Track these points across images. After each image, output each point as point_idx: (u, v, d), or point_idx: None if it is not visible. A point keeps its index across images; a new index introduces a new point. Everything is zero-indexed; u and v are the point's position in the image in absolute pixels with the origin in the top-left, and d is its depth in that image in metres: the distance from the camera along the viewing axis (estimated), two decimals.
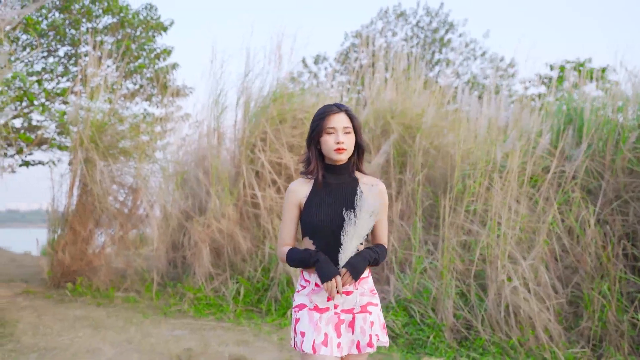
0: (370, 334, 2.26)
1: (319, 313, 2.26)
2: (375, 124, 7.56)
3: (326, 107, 2.31)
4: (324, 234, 2.25)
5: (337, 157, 2.26)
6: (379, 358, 4.69)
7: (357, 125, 2.31)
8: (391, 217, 6.62)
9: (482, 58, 19.42)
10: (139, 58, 12.35)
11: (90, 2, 11.41)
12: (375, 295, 2.34)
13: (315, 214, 2.28)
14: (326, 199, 2.29)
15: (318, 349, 2.20)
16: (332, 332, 2.24)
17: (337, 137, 2.24)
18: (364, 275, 2.30)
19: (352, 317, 2.27)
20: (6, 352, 4.35)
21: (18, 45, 11.27)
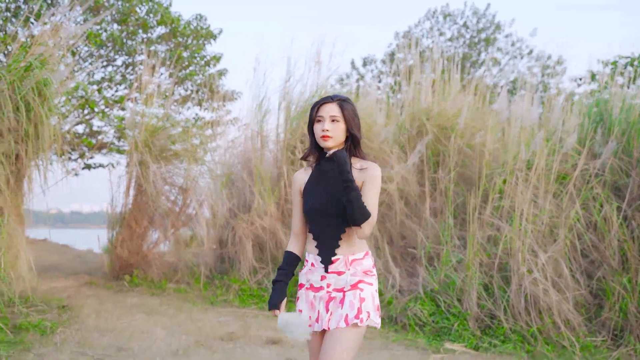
0: (360, 307, 2.32)
1: (313, 292, 2.41)
2: (411, 125, 7.89)
3: (321, 99, 2.44)
4: (316, 219, 2.41)
5: (323, 143, 2.37)
6: (404, 344, 5.06)
7: (348, 115, 2.37)
8: (423, 213, 6.96)
9: (528, 56, 19.35)
10: (191, 65, 13.02)
11: (145, 14, 12.13)
12: (370, 276, 2.41)
13: (307, 200, 2.45)
14: (318, 185, 2.43)
15: (312, 325, 2.39)
16: (323, 310, 2.38)
17: (323, 124, 2.35)
18: (359, 258, 2.40)
19: (343, 294, 2.37)
20: (73, 331, 4.95)
21: (80, 57, 12.11)
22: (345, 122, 2.38)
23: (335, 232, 2.38)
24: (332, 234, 2.38)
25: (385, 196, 7.27)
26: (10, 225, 5.46)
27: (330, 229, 2.38)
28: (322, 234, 2.40)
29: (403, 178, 7.25)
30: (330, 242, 2.38)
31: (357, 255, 2.40)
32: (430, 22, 19.49)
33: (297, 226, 2.55)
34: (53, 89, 5.89)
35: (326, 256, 2.39)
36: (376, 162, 2.47)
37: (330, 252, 2.38)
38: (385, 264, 6.68)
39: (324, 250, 2.39)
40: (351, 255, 2.39)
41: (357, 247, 2.41)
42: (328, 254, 2.39)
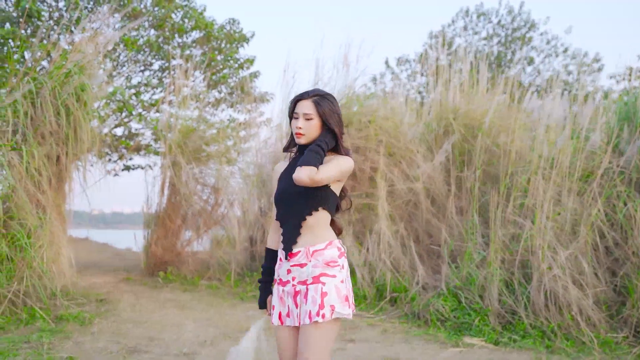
0: (321, 303, 2.26)
1: (282, 286, 2.39)
2: (438, 124, 7.99)
3: (299, 94, 2.45)
4: (280, 205, 2.43)
5: (297, 140, 2.39)
6: (425, 338, 5.20)
7: (322, 112, 2.37)
8: (449, 210, 7.06)
9: (564, 54, 19.12)
10: (225, 68, 13.34)
11: (180, 19, 12.50)
12: (333, 267, 2.35)
13: (276, 186, 2.50)
14: (286, 172, 2.46)
15: (284, 320, 2.37)
16: (292, 304, 2.35)
17: (297, 122, 2.38)
18: (320, 248, 2.35)
19: (306, 288, 2.33)
20: (110, 322, 5.25)
21: (118, 62, 12.55)
22: (321, 118, 2.37)
23: (297, 218, 2.35)
24: (294, 221, 2.36)
25: (412, 195, 7.40)
26: (52, 224, 5.79)
27: (293, 215, 2.37)
28: (286, 221, 2.39)
29: (429, 177, 7.35)
30: (293, 230, 2.36)
31: (319, 246, 2.35)
32: (464, 21, 19.44)
33: (273, 218, 2.55)
34: (91, 94, 6.20)
35: (288, 244, 2.38)
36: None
37: (292, 240, 2.36)
38: (411, 262, 6.82)
39: (286, 238, 2.38)
40: (312, 247, 2.35)
41: (320, 237, 2.36)
42: (290, 242, 2.37)
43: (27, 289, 5.21)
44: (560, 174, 6.37)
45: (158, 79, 13.27)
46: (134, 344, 4.50)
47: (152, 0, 11.82)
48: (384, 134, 7.69)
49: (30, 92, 5.85)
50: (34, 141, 5.82)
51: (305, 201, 2.34)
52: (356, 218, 7.31)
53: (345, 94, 8.19)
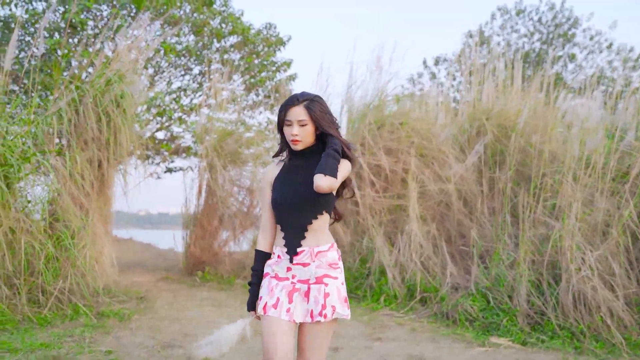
0: (324, 304, 2.35)
1: (277, 281, 2.42)
2: (471, 125, 8.02)
3: (287, 100, 2.44)
4: (284, 210, 2.43)
5: (294, 147, 2.43)
6: (452, 337, 5.27)
7: (315, 116, 2.38)
8: (480, 211, 7.09)
9: (608, 50, 18.70)
10: (262, 71, 13.59)
11: (218, 24, 12.80)
12: (336, 269, 2.44)
13: (276, 192, 2.47)
14: (287, 179, 2.47)
15: (268, 310, 2.37)
16: (284, 298, 2.38)
17: (292, 129, 2.39)
18: (324, 250, 2.42)
19: (307, 287, 2.40)
20: (147, 318, 5.51)
21: (159, 68, 12.94)
22: (314, 123, 2.40)
23: (302, 223, 2.40)
24: (298, 225, 2.40)
25: (444, 196, 7.45)
26: (95, 225, 6.09)
27: (297, 220, 2.41)
28: (289, 226, 2.42)
29: (461, 178, 7.39)
30: (297, 233, 2.40)
31: (322, 247, 2.42)
32: (503, 19, 19.23)
33: (266, 221, 2.55)
34: (129, 100, 6.48)
35: (292, 247, 2.41)
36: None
37: (296, 243, 2.41)
38: (442, 262, 6.87)
39: (290, 241, 2.42)
40: (316, 247, 2.41)
41: (323, 239, 2.44)
42: (294, 245, 2.41)
43: (71, 287, 5.50)
44: (594, 174, 6.34)
45: (198, 84, 13.64)
46: (169, 340, 4.73)
47: (191, 7, 12.15)
48: (416, 135, 7.76)
49: (74, 100, 6.16)
50: (77, 147, 6.13)
51: (311, 206, 2.39)
52: (387, 219, 7.41)
53: (378, 96, 8.29)
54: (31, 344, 4.34)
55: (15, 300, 5.10)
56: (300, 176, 2.44)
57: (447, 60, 19.29)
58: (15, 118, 5.90)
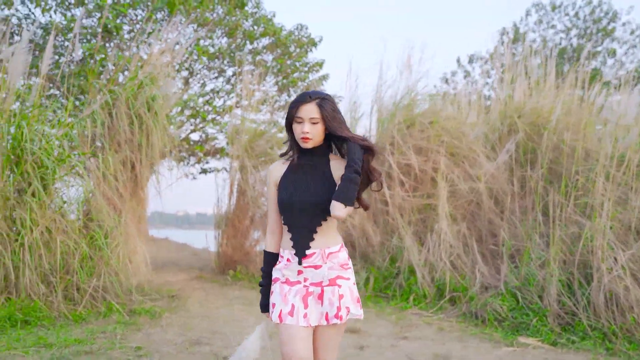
0: (339, 306, 2.32)
1: (289, 286, 2.36)
2: (502, 123, 7.93)
3: (299, 96, 2.38)
4: (291, 211, 2.36)
5: (303, 145, 2.36)
6: (480, 337, 5.23)
7: (326, 116, 2.33)
8: (511, 210, 7.01)
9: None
10: (295, 72, 13.69)
11: (250, 26, 12.93)
12: (347, 270, 2.40)
13: (283, 192, 2.40)
14: (294, 177, 2.41)
15: (284, 318, 2.31)
16: (299, 303, 2.33)
17: (303, 127, 2.33)
18: (335, 250, 2.37)
19: (321, 290, 2.35)
20: (178, 316, 5.63)
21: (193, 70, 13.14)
22: (324, 122, 2.34)
23: (311, 224, 2.35)
24: (307, 226, 2.35)
25: (474, 195, 7.39)
26: (128, 225, 6.24)
27: (306, 221, 2.35)
28: (297, 226, 2.36)
29: (492, 176, 7.32)
30: (305, 234, 2.35)
31: (333, 248, 2.37)
32: (539, 15, 18.91)
33: (273, 222, 2.50)
34: (161, 103, 6.63)
35: (300, 248, 2.36)
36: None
37: (305, 245, 2.35)
38: (473, 261, 6.82)
39: (298, 243, 2.36)
40: (327, 249, 2.36)
41: (333, 239, 2.39)
42: (302, 247, 2.35)
43: (105, 285, 5.66)
44: (628, 172, 6.21)
45: (231, 85, 13.82)
46: (198, 337, 4.82)
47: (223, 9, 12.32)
48: (446, 134, 7.72)
49: (107, 103, 6.34)
50: (111, 149, 6.30)
51: (320, 208, 2.33)
52: (416, 218, 7.39)
53: (408, 95, 8.27)
54: (65, 339, 4.49)
55: (51, 297, 5.27)
56: (308, 176, 2.39)
57: (481, 58, 19.08)
58: (51, 121, 6.09)
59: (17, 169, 5.43)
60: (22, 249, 5.18)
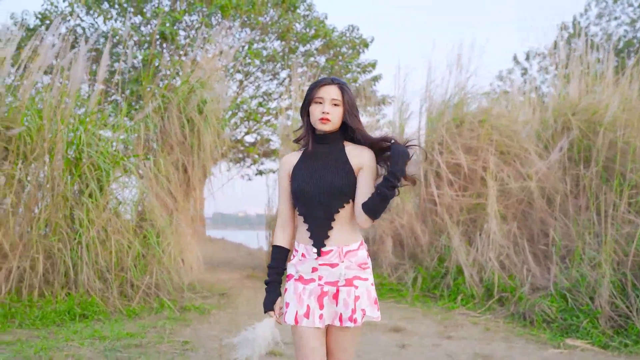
0: (354, 308, 2.18)
1: (303, 284, 2.24)
2: (556, 120, 7.76)
3: (320, 79, 2.29)
4: (303, 200, 2.24)
5: (321, 127, 2.24)
6: (527, 338, 5.15)
7: (348, 100, 2.26)
8: (562, 209, 6.85)
9: None
10: (347, 73, 13.76)
11: (302, 28, 13.10)
12: (365, 270, 2.26)
13: (295, 181, 2.28)
14: (309, 166, 2.28)
15: (300, 320, 2.20)
16: (315, 304, 2.21)
17: (324, 107, 2.23)
18: (353, 249, 2.23)
19: (336, 289, 2.21)
20: (226, 313, 5.81)
21: (248, 73, 13.42)
22: (344, 106, 2.25)
23: (327, 213, 2.22)
24: (324, 216, 2.22)
25: (525, 194, 7.26)
26: (179, 225, 6.47)
27: (322, 210, 2.23)
28: (313, 217, 2.24)
29: (544, 175, 7.17)
30: (323, 224, 2.23)
31: (352, 246, 2.23)
32: (599, 7, 18.27)
33: (284, 214, 2.37)
34: (211, 106, 6.83)
35: (318, 239, 2.23)
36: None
37: (323, 235, 2.23)
38: (524, 261, 6.71)
39: (315, 234, 2.23)
40: (345, 246, 2.23)
41: (351, 236, 2.25)
42: (320, 237, 2.23)
43: (157, 282, 5.90)
44: None
45: (285, 87, 14.04)
46: None
47: (274, 12, 12.52)
48: (496, 132, 7.61)
49: (160, 107, 6.59)
50: (163, 151, 6.55)
51: (336, 194, 2.22)
52: (465, 218, 7.32)
53: (458, 94, 8.20)
54: (118, 332, 4.71)
55: (107, 293, 5.54)
56: (323, 163, 2.27)
57: (539, 54, 18.59)
58: (107, 125, 6.39)
59: (76, 171, 5.73)
60: (80, 247, 5.47)
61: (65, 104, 5.97)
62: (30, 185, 5.75)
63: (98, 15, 11.91)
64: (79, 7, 11.58)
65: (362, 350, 4.52)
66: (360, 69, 13.96)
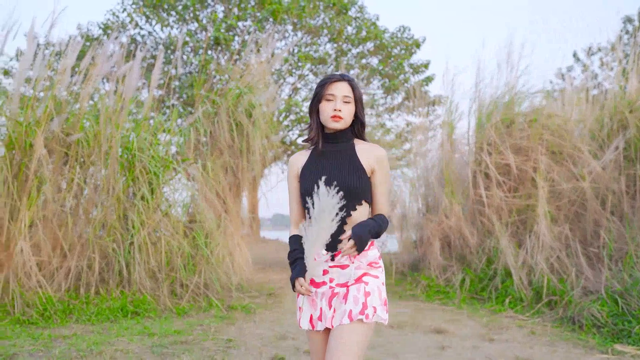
0: (364, 302, 2.11)
1: (314, 288, 2.20)
2: (612, 119, 7.53)
3: (329, 75, 2.23)
4: (313, 201, 2.08)
5: (332, 124, 2.19)
6: (573, 342, 5.04)
7: (358, 97, 2.23)
8: (619, 210, 6.64)
9: None
10: (401, 74, 13.73)
11: (352, 30, 13.17)
12: (376, 268, 2.21)
13: (305, 181, 2.22)
14: (318, 165, 2.22)
15: (315, 324, 2.18)
16: (326, 306, 2.17)
17: (335, 104, 2.17)
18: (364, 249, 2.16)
19: (346, 289, 2.16)
20: (272, 312, 5.95)
21: (300, 77, 13.58)
22: (356, 103, 2.23)
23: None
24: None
25: (578, 194, 7.08)
26: (228, 227, 6.66)
27: None
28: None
29: (598, 175, 6.97)
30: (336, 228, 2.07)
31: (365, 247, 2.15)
32: None
33: (295, 215, 2.33)
34: (259, 111, 7.00)
35: (331, 243, 2.15)
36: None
37: (335, 238, 2.13)
38: (576, 264, 6.55)
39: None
40: None
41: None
42: (333, 241, 2.14)
43: (206, 282, 6.10)
44: None
45: None
46: (285, 332, 5.08)
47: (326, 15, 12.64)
48: (547, 132, 7.45)
49: (208, 111, 6.81)
50: (213, 155, 6.76)
51: (348, 196, 2.14)
52: (515, 219, 7.20)
53: (508, 93, 8.07)
54: (166, 330, 4.92)
55: (158, 292, 5.78)
56: (333, 163, 2.20)
57: (601, 50, 17.95)
58: (158, 130, 6.65)
59: (129, 175, 6.01)
60: (133, 248, 5.73)
61: (120, 111, 6.26)
62: (88, 189, 6.06)
63: (156, 23, 12.35)
64: (138, 16, 12.05)
65: (400, 350, 4.55)
66: (413, 69, 13.89)
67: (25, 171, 5.56)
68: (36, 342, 4.45)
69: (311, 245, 2.03)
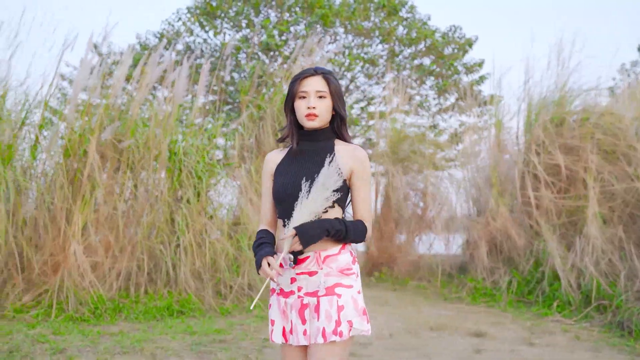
0: (337, 319, 1.97)
1: (284, 298, 2.07)
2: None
3: (302, 71, 2.12)
4: (287, 202, 2.04)
5: (308, 124, 2.07)
6: (619, 348, 4.89)
7: (334, 90, 2.09)
8: None
9: None
10: (453, 75, 13.59)
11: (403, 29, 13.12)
12: (349, 276, 2.04)
13: (278, 181, 2.11)
14: (293, 166, 2.10)
15: (288, 337, 2.07)
16: (297, 319, 2.04)
17: (309, 101, 2.05)
18: (333, 253, 2.03)
19: (317, 300, 2.01)
20: None
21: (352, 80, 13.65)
22: (332, 98, 2.10)
23: (310, 218, 2.00)
24: (304, 221, 1.99)
25: (633, 195, 6.84)
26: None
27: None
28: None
29: None
30: None
31: (331, 251, 2.03)
32: None
33: (266, 215, 2.22)
34: None
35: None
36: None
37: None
38: (631, 267, 6.33)
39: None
40: (323, 251, 2.03)
41: (331, 240, 2.03)
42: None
43: (250, 283, 6.26)
44: None
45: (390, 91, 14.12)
46: None
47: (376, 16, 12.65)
48: (599, 131, 7.22)
49: (253, 116, 6.99)
50: (257, 159, 6.93)
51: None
52: (564, 221, 7.02)
53: (558, 91, 7.87)
54: (208, 329, 5.10)
55: (203, 292, 5.97)
56: (309, 163, 2.08)
57: None
58: (205, 134, 6.87)
59: (176, 179, 6.24)
60: (179, 249, 5.95)
61: (169, 117, 6.51)
62: (138, 193, 6.33)
63: (209, 29, 12.70)
64: (192, 23, 12.43)
65: (434, 353, 4.55)
66: (466, 69, 13.71)
67: (79, 176, 5.87)
68: (85, 338, 4.71)
69: (299, 214, 1.96)
